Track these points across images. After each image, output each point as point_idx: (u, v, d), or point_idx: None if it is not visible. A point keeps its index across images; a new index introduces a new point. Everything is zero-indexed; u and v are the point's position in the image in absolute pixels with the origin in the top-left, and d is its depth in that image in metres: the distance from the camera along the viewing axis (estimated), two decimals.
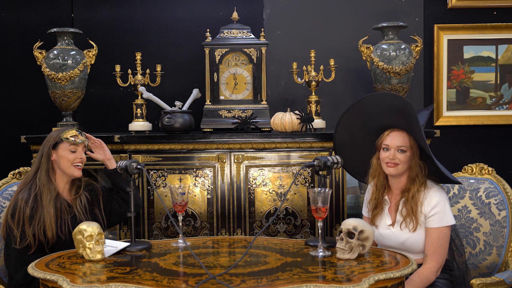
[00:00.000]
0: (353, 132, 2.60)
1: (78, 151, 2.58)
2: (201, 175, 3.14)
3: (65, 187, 2.61)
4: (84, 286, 1.84)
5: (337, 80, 3.51)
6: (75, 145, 2.56)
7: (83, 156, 2.60)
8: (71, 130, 2.60)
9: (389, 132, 2.45)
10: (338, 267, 2.01)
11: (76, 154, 2.57)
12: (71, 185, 2.63)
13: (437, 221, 2.38)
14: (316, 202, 2.17)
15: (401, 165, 2.42)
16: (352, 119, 2.57)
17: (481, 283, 2.36)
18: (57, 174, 2.58)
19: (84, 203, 2.62)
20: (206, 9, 3.74)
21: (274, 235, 3.15)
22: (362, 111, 2.52)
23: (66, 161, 2.55)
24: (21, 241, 2.42)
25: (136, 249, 2.30)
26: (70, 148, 2.56)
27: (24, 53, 3.66)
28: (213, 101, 3.30)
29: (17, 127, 3.70)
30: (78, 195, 2.62)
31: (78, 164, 2.57)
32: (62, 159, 2.55)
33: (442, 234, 2.37)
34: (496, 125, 3.78)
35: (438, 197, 2.40)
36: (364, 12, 3.73)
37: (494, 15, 3.75)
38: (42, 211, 2.47)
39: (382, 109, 2.44)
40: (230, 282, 1.83)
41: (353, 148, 2.62)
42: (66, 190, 2.62)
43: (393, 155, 2.42)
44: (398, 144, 2.42)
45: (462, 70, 3.75)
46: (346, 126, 2.60)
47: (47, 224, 2.45)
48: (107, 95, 3.74)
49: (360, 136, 2.58)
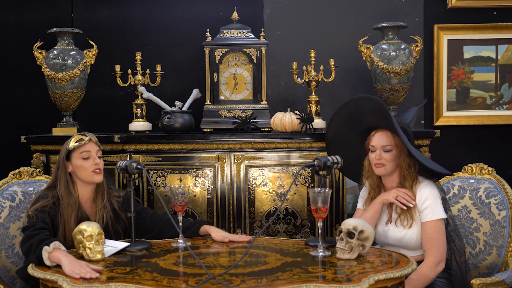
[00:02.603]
0: (343, 135, 2.64)
1: (92, 156, 2.48)
2: (201, 175, 3.14)
3: (90, 198, 2.53)
4: (84, 286, 1.84)
5: (337, 80, 3.50)
6: (87, 151, 2.47)
7: (98, 161, 2.49)
8: (74, 137, 2.51)
9: (374, 133, 2.49)
10: (338, 267, 2.01)
11: (90, 161, 2.47)
12: (96, 194, 2.54)
13: (429, 214, 2.39)
14: (316, 202, 2.17)
15: (388, 165, 2.45)
16: (341, 123, 2.61)
17: (481, 283, 2.36)
18: (78, 185, 2.50)
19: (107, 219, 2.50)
20: (206, 9, 3.74)
21: (274, 235, 3.15)
22: (349, 114, 2.56)
23: (83, 170, 2.46)
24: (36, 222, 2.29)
25: (136, 249, 2.30)
26: (82, 155, 2.47)
27: (24, 53, 3.66)
28: (213, 101, 3.30)
29: (17, 127, 3.70)
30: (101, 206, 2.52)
31: (96, 170, 2.48)
32: (79, 169, 2.47)
33: (435, 228, 2.38)
34: (496, 125, 3.78)
35: (428, 191, 2.42)
36: (364, 12, 3.73)
37: (494, 15, 3.75)
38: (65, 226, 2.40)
39: (364, 112, 2.49)
40: (230, 282, 1.83)
41: (345, 150, 2.63)
42: (91, 200, 2.53)
43: (379, 155, 2.45)
44: (382, 144, 2.44)
45: (462, 70, 3.75)
46: (336, 129, 2.65)
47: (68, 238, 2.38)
48: (107, 95, 3.74)
49: (351, 138, 2.61)
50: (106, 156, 3.12)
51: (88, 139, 2.50)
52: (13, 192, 2.75)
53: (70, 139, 2.52)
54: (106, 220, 2.52)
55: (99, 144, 2.57)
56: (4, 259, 2.68)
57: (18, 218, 2.72)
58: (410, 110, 2.64)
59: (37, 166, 3.12)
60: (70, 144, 2.48)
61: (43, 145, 3.14)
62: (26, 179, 2.83)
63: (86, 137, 2.50)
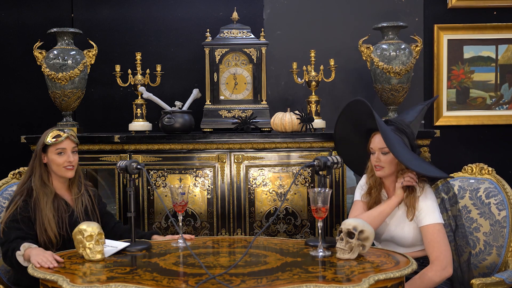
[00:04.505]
0: (349, 135, 2.64)
1: (67, 153, 2.51)
2: (201, 175, 3.14)
3: (63, 187, 2.59)
4: (84, 286, 1.84)
5: (337, 80, 3.50)
6: (62, 148, 2.50)
7: (71, 159, 2.52)
8: (52, 131, 2.53)
9: (373, 135, 2.48)
10: (338, 267, 2.01)
11: (64, 157, 2.51)
12: (70, 183, 2.60)
13: (426, 218, 2.38)
14: (316, 202, 2.17)
15: (387, 167, 2.45)
16: (346, 123, 2.61)
17: (481, 283, 2.36)
18: (52, 176, 2.56)
19: (86, 204, 2.59)
20: (206, 9, 3.74)
21: (274, 235, 3.15)
22: (350, 115, 2.56)
23: (56, 165, 2.51)
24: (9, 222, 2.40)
25: (136, 249, 2.30)
26: (57, 151, 2.50)
27: (24, 53, 3.66)
28: (213, 101, 3.30)
29: (17, 127, 3.70)
30: (80, 195, 2.58)
31: (68, 166, 2.52)
32: (53, 163, 2.51)
33: (435, 231, 2.37)
34: (496, 125, 3.78)
35: (429, 197, 2.42)
36: (364, 12, 3.73)
37: (494, 15, 3.75)
38: (41, 214, 2.44)
39: (362, 114, 2.47)
40: (230, 282, 1.83)
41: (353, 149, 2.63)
42: (65, 189, 2.59)
43: (377, 157, 2.45)
44: (379, 146, 2.44)
45: (462, 70, 3.75)
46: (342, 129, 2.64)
47: (46, 225, 2.43)
48: (107, 95, 3.74)
49: (357, 138, 2.60)
50: (106, 156, 3.13)
51: (65, 137, 2.52)
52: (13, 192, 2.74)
53: (48, 132, 2.54)
54: (86, 205, 2.58)
55: (76, 141, 2.59)
56: None
57: None
58: (415, 108, 2.60)
59: None
60: (48, 139, 2.51)
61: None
62: None
63: (64, 134, 2.52)
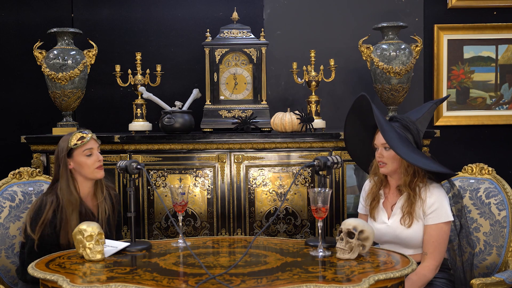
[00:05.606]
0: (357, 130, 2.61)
1: (94, 153, 2.52)
2: (201, 175, 3.14)
3: (90, 192, 2.56)
4: (84, 286, 1.84)
5: (337, 80, 3.50)
6: (89, 149, 2.51)
7: (101, 157, 2.54)
8: (74, 134, 2.53)
9: (378, 131, 2.47)
10: (338, 267, 2.01)
11: (94, 158, 2.51)
12: (96, 188, 2.58)
13: (435, 218, 2.38)
14: (316, 202, 2.17)
15: (390, 163, 2.43)
16: (355, 120, 2.58)
17: (481, 283, 2.36)
18: (78, 181, 2.53)
19: (109, 213, 2.57)
20: (206, 9, 3.74)
21: (274, 235, 3.15)
22: (358, 111, 2.54)
23: (87, 167, 2.50)
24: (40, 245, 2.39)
25: (136, 249, 2.30)
26: (85, 152, 2.50)
27: (24, 53, 3.66)
28: (213, 101, 3.30)
29: (17, 127, 3.70)
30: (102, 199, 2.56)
31: (99, 166, 2.52)
32: (82, 166, 2.50)
33: (441, 231, 2.37)
34: (496, 125, 3.78)
35: (436, 195, 2.40)
36: (364, 12, 3.73)
37: (494, 15, 3.75)
38: (67, 225, 2.42)
39: (366, 110, 2.46)
40: (230, 282, 1.83)
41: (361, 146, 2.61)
42: (91, 195, 2.57)
43: (380, 153, 2.44)
44: (382, 142, 2.44)
45: (462, 70, 3.75)
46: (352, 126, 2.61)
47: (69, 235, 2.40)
48: (107, 95, 3.74)
49: (365, 134, 2.58)
50: (106, 156, 3.12)
51: (90, 137, 2.54)
52: (13, 192, 2.75)
53: (71, 136, 2.53)
54: (108, 213, 2.57)
55: (99, 141, 2.62)
56: (4, 259, 2.68)
57: (18, 218, 2.72)
58: (424, 106, 2.58)
59: (37, 166, 3.12)
60: (73, 142, 2.50)
61: (43, 145, 3.15)
62: (26, 179, 2.83)
63: (88, 135, 2.53)
